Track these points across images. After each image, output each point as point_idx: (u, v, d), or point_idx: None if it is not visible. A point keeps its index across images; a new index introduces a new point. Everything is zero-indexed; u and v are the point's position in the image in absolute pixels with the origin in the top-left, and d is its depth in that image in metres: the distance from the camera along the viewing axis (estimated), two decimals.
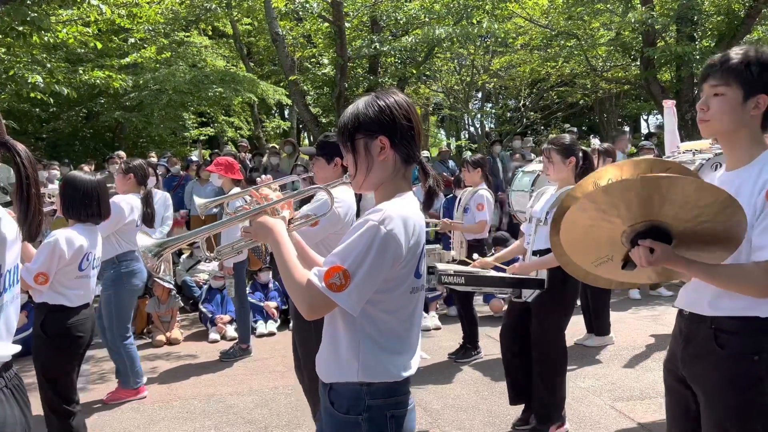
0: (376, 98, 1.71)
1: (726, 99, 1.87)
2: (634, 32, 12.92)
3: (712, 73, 1.90)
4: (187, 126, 17.21)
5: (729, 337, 1.86)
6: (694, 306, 1.97)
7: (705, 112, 1.92)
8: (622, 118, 23.02)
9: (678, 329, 2.07)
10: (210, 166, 5.44)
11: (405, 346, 1.70)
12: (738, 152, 1.92)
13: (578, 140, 3.86)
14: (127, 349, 4.56)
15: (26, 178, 1.64)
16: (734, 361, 1.85)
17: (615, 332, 5.68)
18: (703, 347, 1.92)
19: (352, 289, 1.56)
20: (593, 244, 1.94)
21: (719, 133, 1.95)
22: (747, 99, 1.86)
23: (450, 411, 4.20)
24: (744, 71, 1.85)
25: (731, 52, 1.90)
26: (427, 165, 1.80)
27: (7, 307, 1.64)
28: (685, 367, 2.00)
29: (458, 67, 18.28)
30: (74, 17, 9.20)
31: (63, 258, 3.22)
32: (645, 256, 1.80)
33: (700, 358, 1.94)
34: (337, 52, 12.30)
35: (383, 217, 1.58)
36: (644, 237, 1.81)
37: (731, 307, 1.85)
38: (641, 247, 1.80)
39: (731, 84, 1.86)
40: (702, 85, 1.96)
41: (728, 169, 1.97)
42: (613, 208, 1.80)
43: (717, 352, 1.88)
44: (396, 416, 1.68)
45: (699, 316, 1.95)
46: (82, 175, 3.49)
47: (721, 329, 1.88)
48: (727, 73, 1.87)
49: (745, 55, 1.86)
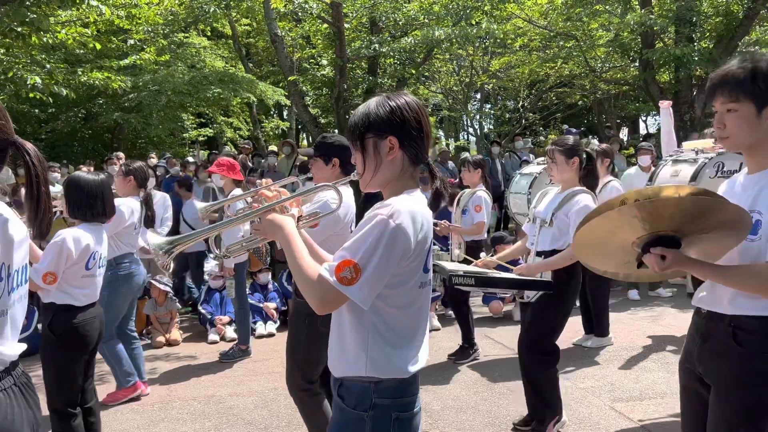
0: (387, 99, 1.74)
1: (740, 115, 1.91)
2: (632, 33, 12.93)
3: (720, 91, 1.94)
4: (186, 127, 17.21)
5: (747, 335, 1.89)
6: (713, 304, 2.00)
7: (722, 130, 1.96)
8: (621, 119, 23.04)
9: (694, 328, 2.10)
10: (212, 167, 5.45)
11: (413, 341, 1.73)
12: (759, 158, 1.98)
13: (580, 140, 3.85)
14: (111, 350, 4.53)
15: (36, 177, 1.66)
16: (752, 358, 1.88)
17: (614, 333, 5.69)
18: (722, 344, 1.95)
19: (363, 283, 1.58)
20: (607, 256, 2.07)
21: (740, 147, 2.00)
22: (761, 111, 1.89)
23: (450, 412, 4.20)
24: (752, 86, 1.88)
25: (733, 67, 1.92)
26: (434, 166, 1.82)
27: (14, 306, 1.66)
28: (701, 364, 2.02)
29: (457, 68, 18.30)
30: (73, 18, 9.20)
31: (70, 257, 3.23)
32: (657, 263, 1.87)
33: (718, 355, 1.96)
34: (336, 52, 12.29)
35: (392, 211, 1.60)
36: (654, 245, 1.88)
37: (751, 306, 1.89)
38: (652, 255, 1.88)
39: (741, 99, 1.90)
40: (712, 102, 1.99)
41: (750, 173, 2.02)
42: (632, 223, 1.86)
43: (735, 349, 1.91)
44: (401, 419, 1.70)
45: (717, 314, 1.98)
46: (86, 176, 3.50)
47: (740, 327, 1.91)
48: (735, 90, 1.90)
49: (751, 70, 1.89)
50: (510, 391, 4.47)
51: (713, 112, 2.01)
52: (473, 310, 5.58)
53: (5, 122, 1.65)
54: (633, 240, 1.91)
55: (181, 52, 14.45)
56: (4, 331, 1.62)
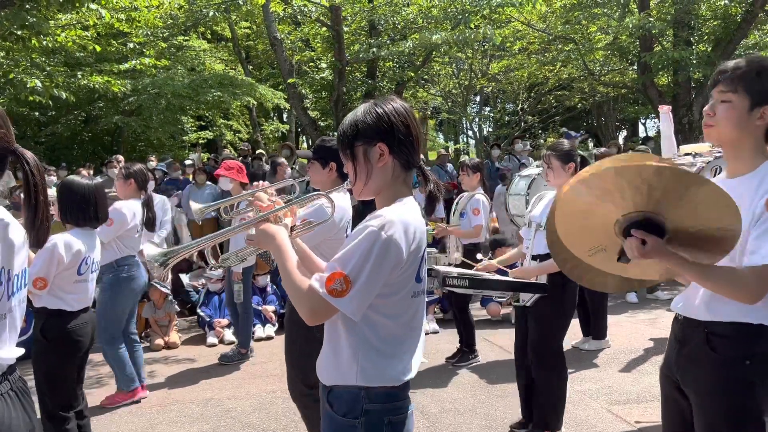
0: (374, 105, 1.73)
1: (732, 106, 1.88)
2: (631, 37, 12.97)
3: (722, 79, 1.91)
4: (186, 129, 17.24)
5: (721, 340, 1.88)
6: (689, 310, 1.99)
7: (711, 117, 1.93)
8: (620, 121, 23.08)
9: (673, 334, 2.09)
10: (220, 170, 5.47)
11: (404, 350, 1.71)
12: (740, 161, 1.93)
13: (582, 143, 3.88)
14: (115, 353, 4.55)
15: (34, 185, 1.67)
16: (726, 364, 1.87)
17: (612, 336, 5.70)
18: (697, 351, 1.94)
19: (354, 295, 1.57)
20: (587, 232, 1.91)
21: (722, 138, 1.95)
22: (753, 108, 1.87)
23: (448, 415, 4.21)
24: (754, 79, 1.86)
25: (743, 60, 1.91)
26: (426, 170, 1.81)
27: (14, 310, 1.67)
28: (678, 370, 2.01)
29: (456, 71, 18.33)
30: (73, 21, 9.22)
31: (62, 262, 3.23)
32: (637, 248, 1.77)
33: (693, 362, 1.95)
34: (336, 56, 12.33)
35: (383, 222, 1.59)
36: (637, 228, 1.78)
37: (725, 312, 1.87)
38: (633, 238, 1.78)
39: (739, 91, 1.87)
40: (711, 90, 1.96)
41: (729, 176, 1.97)
42: (612, 193, 1.76)
43: (710, 355, 1.90)
44: (393, 422, 1.69)
45: (693, 320, 1.96)
46: (79, 180, 3.50)
47: (714, 333, 1.89)
48: (736, 81, 1.87)
49: (759, 65, 1.87)
50: (508, 393, 4.48)
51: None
52: (472, 313, 5.58)
53: (5, 130, 1.66)
54: (615, 218, 1.80)
55: (180, 55, 14.49)
56: (3, 335, 1.63)
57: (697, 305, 1.95)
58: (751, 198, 1.83)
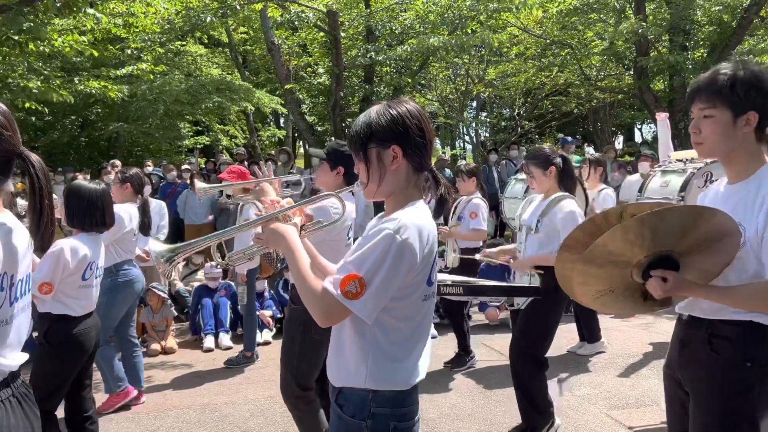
0: (388, 107, 1.71)
1: (716, 120, 1.89)
2: (627, 42, 13.03)
3: (698, 96, 1.92)
4: (183, 135, 17.24)
5: (723, 342, 1.89)
6: (693, 309, 2.01)
7: (698, 135, 1.94)
8: (616, 126, 23.16)
9: (676, 335, 2.11)
10: (222, 174, 5.48)
11: (414, 353, 1.71)
12: (736, 168, 1.95)
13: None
14: (102, 353, 4.45)
15: (39, 189, 1.65)
16: (727, 366, 1.88)
17: (609, 340, 5.70)
18: (698, 351, 1.96)
19: (368, 298, 1.57)
20: (605, 274, 1.94)
21: (714, 154, 1.98)
22: (737, 118, 1.87)
23: (446, 420, 4.20)
24: (729, 93, 1.86)
25: (718, 73, 1.91)
26: (438, 173, 1.80)
27: (18, 316, 1.65)
28: (680, 369, 2.04)
29: (453, 76, 18.36)
30: (70, 26, 9.21)
31: (67, 267, 3.21)
32: (660, 286, 1.83)
33: (694, 362, 1.97)
34: (333, 61, 12.36)
35: (398, 225, 1.59)
36: (654, 268, 1.85)
37: (729, 309, 1.88)
38: (654, 278, 1.84)
39: (718, 106, 1.88)
40: (690, 107, 1.97)
41: (729, 183, 2.01)
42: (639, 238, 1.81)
43: (711, 356, 1.91)
44: (399, 428, 1.70)
45: (697, 319, 1.98)
46: (86, 184, 3.48)
47: (716, 334, 1.91)
48: (713, 96, 1.89)
49: (731, 77, 1.87)
50: (506, 398, 4.47)
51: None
52: (472, 317, 5.58)
53: (12, 133, 1.64)
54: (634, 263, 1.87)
55: (178, 60, 14.49)
56: (6, 341, 1.61)
57: (701, 303, 1.96)
58: (751, 203, 1.86)
